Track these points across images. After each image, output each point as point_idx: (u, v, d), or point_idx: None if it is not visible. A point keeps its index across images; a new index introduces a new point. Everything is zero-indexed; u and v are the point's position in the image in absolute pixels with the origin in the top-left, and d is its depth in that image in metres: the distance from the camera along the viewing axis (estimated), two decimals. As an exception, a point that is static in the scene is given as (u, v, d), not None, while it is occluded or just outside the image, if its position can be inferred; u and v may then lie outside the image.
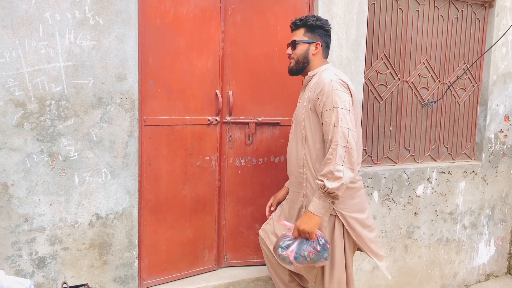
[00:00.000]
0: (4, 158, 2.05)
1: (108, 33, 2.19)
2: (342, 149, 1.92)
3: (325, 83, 2.03)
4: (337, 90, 2.00)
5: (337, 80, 2.03)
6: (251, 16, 2.67)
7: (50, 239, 2.19)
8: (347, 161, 1.93)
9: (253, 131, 2.77)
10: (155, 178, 2.49)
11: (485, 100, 3.57)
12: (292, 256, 1.96)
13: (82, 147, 2.20)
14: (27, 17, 2.02)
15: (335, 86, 2.00)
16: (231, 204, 2.82)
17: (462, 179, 3.49)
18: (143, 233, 2.48)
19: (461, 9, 3.40)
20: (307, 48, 2.21)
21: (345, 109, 1.97)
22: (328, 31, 2.24)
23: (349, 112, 1.97)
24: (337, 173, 1.91)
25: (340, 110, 1.96)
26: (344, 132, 1.94)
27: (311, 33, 2.20)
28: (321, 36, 2.21)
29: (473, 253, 3.68)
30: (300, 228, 1.98)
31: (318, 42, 2.20)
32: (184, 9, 2.47)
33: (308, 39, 2.20)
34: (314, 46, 2.20)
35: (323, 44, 2.22)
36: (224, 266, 2.87)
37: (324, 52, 2.24)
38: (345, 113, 1.96)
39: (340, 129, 1.94)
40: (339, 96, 1.98)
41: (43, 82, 2.08)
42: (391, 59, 3.17)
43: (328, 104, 1.99)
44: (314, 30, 2.20)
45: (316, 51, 2.20)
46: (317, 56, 2.22)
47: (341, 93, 2.00)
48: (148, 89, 2.40)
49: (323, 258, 1.97)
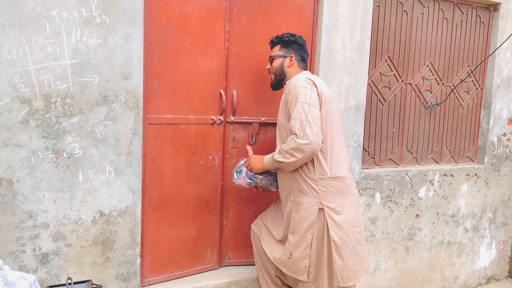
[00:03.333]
0: (9, 155, 2.06)
1: (114, 32, 2.20)
2: (293, 141, 2.08)
3: (291, 83, 2.21)
4: (300, 87, 2.14)
5: (302, 78, 2.19)
6: (256, 17, 2.68)
7: (54, 235, 2.21)
8: (291, 150, 2.10)
9: (256, 131, 2.78)
10: (158, 177, 2.50)
11: (488, 103, 3.57)
12: (245, 182, 2.39)
13: (86, 145, 2.21)
14: (34, 15, 2.03)
15: (298, 84, 2.16)
16: (233, 203, 2.83)
17: (464, 182, 3.49)
18: (146, 231, 2.49)
19: (466, 12, 3.40)
20: (282, 61, 2.40)
21: (305, 103, 2.10)
22: (302, 46, 2.41)
23: (310, 105, 2.09)
24: (279, 156, 2.17)
25: (299, 104, 2.10)
26: (302, 124, 2.07)
27: (286, 48, 2.40)
28: (295, 50, 2.40)
29: (475, 256, 3.68)
30: (251, 163, 2.38)
31: (292, 55, 2.38)
32: (189, 9, 2.48)
33: (283, 54, 2.40)
34: (288, 59, 2.39)
35: (297, 57, 2.40)
36: (225, 265, 2.88)
37: (300, 64, 2.41)
38: (304, 106, 2.09)
39: (298, 121, 2.08)
40: (301, 92, 2.13)
41: (49, 79, 2.10)
42: (395, 61, 3.17)
43: (293, 101, 2.15)
44: (289, 45, 2.40)
45: (290, 63, 2.39)
46: (292, 68, 2.39)
47: (304, 89, 2.14)
48: (153, 87, 2.41)
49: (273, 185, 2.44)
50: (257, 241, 2.54)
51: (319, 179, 2.17)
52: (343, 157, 2.24)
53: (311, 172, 2.18)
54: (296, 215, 2.23)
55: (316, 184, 2.17)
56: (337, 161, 2.20)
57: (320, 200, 2.16)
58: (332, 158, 2.18)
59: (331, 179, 2.17)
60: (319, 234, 2.18)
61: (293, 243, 2.25)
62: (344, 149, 2.28)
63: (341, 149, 2.24)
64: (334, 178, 2.18)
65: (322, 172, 2.17)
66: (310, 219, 2.18)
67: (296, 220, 2.23)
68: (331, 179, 2.17)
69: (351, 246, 2.17)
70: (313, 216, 2.17)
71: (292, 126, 2.10)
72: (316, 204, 2.17)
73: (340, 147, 2.23)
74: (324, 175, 2.17)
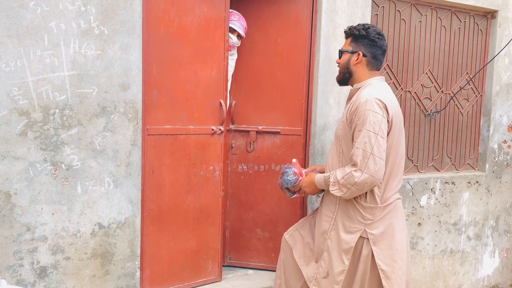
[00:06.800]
0: (7, 167, 2.04)
1: (113, 43, 2.20)
2: (351, 176, 1.94)
3: (360, 102, 1.98)
4: (369, 111, 1.93)
5: (373, 99, 1.95)
6: (253, 28, 2.77)
7: (52, 248, 2.18)
8: (348, 184, 1.96)
9: (254, 139, 2.86)
10: (158, 188, 2.48)
11: (488, 110, 3.57)
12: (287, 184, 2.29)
13: (85, 156, 2.20)
14: (32, 27, 2.03)
15: (368, 106, 1.94)
16: (233, 207, 2.93)
17: (466, 190, 3.47)
18: (146, 243, 2.46)
19: (464, 19, 3.42)
20: (349, 58, 2.13)
21: (373, 132, 1.91)
22: (374, 41, 2.09)
23: (377, 136, 1.91)
24: (335, 189, 2.02)
25: (366, 132, 1.92)
26: (365, 155, 1.91)
27: (355, 43, 2.12)
28: (365, 46, 2.10)
29: (478, 265, 3.64)
30: (306, 191, 2.24)
31: (359, 52, 2.09)
32: (188, 19, 2.48)
33: (351, 49, 2.12)
34: (355, 56, 2.11)
35: (367, 55, 2.10)
36: (226, 264, 2.99)
37: (370, 63, 2.11)
38: (371, 136, 1.91)
39: (362, 151, 1.92)
40: (370, 118, 1.92)
41: (47, 91, 2.09)
42: (394, 69, 3.17)
43: (359, 125, 1.95)
44: (358, 40, 2.11)
45: (357, 61, 2.11)
46: (359, 67, 2.12)
47: (374, 114, 1.93)
48: (152, 98, 2.41)
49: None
50: (288, 252, 2.35)
51: (369, 207, 2.03)
52: (396, 183, 2.10)
53: (361, 199, 2.04)
54: (335, 235, 2.11)
55: (364, 211, 2.03)
56: (390, 189, 2.06)
57: (364, 228, 2.04)
58: (386, 187, 2.05)
59: (380, 208, 2.04)
60: (359, 262, 2.06)
61: (328, 263, 2.13)
62: (401, 174, 2.13)
63: (398, 176, 2.10)
64: (384, 207, 2.05)
65: (372, 201, 2.03)
66: (349, 244, 2.05)
67: (334, 241, 2.10)
68: (380, 208, 2.04)
69: (401, 274, 2.04)
70: (351, 242, 2.05)
71: (354, 155, 1.94)
72: (358, 231, 2.04)
73: (397, 175, 2.09)
74: (374, 204, 2.03)
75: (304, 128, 2.83)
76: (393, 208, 2.08)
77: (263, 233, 2.94)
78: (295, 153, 2.84)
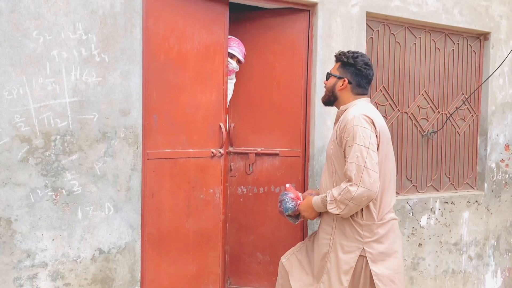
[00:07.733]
0: (8, 193, 2.05)
1: (113, 70, 2.24)
2: (347, 191, 1.95)
3: (348, 119, 2.03)
4: (357, 127, 1.98)
5: (360, 115, 2.01)
6: (251, 53, 2.83)
7: (52, 274, 2.17)
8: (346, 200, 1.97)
9: (252, 161, 2.89)
10: (157, 212, 2.48)
11: (484, 130, 3.60)
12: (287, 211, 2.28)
13: (85, 182, 2.21)
14: (35, 55, 2.07)
15: (356, 122, 2.00)
16: (233, 230, 2.92)
17: (465, 209, 3.47)
18: (146, 268, 2.45)
19: (457, 41, 3.48)
20: (335, 82, 2.21)
21: (364, 146, 1.95)
22: (360, 71, 2.16)
23: (368, 149, 1.95)
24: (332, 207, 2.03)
25: (357, 146, 1.96)
26: (359, 169, 1.93)
27: (343, 69, 2.20)
28: (352, 74, 2.17)
29: (480, 285, 3.61)
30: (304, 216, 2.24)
31: (345, 78, 2.17)
32: (188, 46, 2.54)
33: (338, 74, 2.20)
34: (341, 82, 2.18)
35: (352, 82, 2.17)
36: None
37: (355, 89, 2.19)
38: (362, 150, 1.95)
39: (355, 166, 1.94)
40: (359, 133, 1.97)
41: (49, 117, 2.12)
42: (390, 91, 3.22)
43: (350, 141, 2.00)
44: (346, 67, 2.19)
45: (342, 87, 2.18)
46: (344, 92, 2.19)
47: (363, 129, 1.98)
48: (152, 123, 2.44)
49: None
50: (285, 276, 2.34)
51: (365, 225, 2.05)
52: (390, 199, 2.13)
53: (358, 216, 2.06)
54: (334, 256, 2.11)
55: (361, 229, 2.05)
56: (385, 206, 2.08)
57: (362, 246, 2.04)
58: (381, 204, 2.07)
59: (377, 226, 2.06)
60: (359, 282, 2.07)
61: (327, 286, 2.12)
62: (394, 191, 2.18)
63: (390, 192, 2.13)
64: (380, 224, 2.06)
65: (369, 218, 2.05)
66: (348, 264, 2.06)
67: (333, 262, 2.11)
68: (377, 226, 2.06)
69: None
70: (351, 262, 2.05)
71: (348, 170, 1.96)
72: (357, 249, 2.05)
73: (388, 190, 2.12)
74: (371, 221, 2.05)
75: (303, 150, 2.86)
76: (391, 229, 2.10)
77: (263, 257, 2.93)
78: (294, 175, 2.85)
